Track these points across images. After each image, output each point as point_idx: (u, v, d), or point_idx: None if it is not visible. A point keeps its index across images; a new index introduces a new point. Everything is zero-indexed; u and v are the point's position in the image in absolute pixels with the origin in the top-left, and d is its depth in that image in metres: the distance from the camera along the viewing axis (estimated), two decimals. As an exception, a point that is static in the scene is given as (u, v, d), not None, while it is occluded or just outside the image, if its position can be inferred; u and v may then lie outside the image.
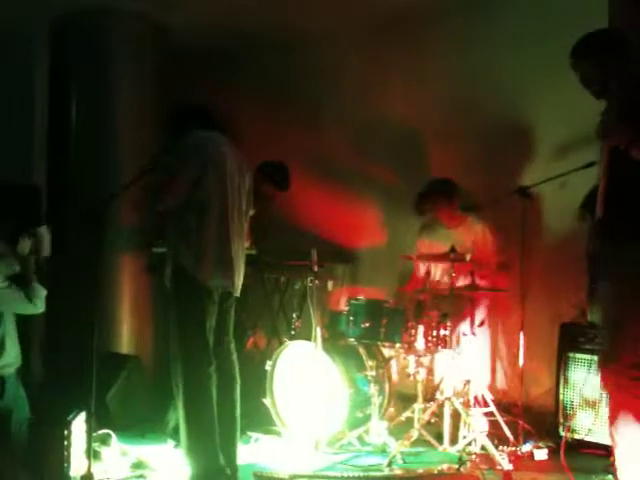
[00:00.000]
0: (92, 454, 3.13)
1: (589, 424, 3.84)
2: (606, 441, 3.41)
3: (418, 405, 3.96)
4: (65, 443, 3.22)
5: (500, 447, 3.80)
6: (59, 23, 5.17)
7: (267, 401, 4.22)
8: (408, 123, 5.22)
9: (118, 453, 3.57)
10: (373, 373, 4.13)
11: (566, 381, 4.02)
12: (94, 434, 3.35)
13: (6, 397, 3.41)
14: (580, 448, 3.83)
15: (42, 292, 3.48)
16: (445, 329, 3.96)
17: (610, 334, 2.67)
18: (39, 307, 3.48)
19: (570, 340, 4.06)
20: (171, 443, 3.85)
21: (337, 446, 3.98)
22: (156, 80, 5.19)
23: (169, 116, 3.73)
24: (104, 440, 3.57)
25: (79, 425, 3.26)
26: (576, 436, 3.90)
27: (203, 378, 3.22)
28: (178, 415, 3.27)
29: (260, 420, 4.25)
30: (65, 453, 3.22)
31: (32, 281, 3.48)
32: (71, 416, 3.24)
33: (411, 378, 4.04)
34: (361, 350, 4.25)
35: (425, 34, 5.11)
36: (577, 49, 2.90)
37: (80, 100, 5.11)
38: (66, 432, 3.22)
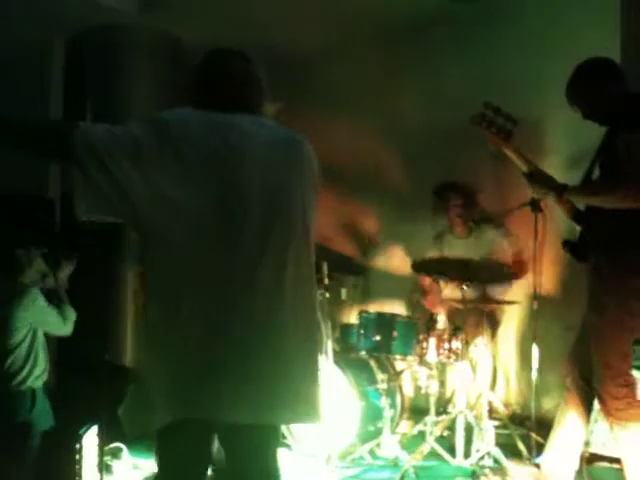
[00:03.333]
0: (104, 468, 3.15)
1: (603, 437, 3.80)
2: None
3: (430, 418, 3.94)
4: (77, 457, 3.24)
5: (512, 460, 3.77)
6: (74, 37, 5.23)
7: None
8: (420, 131, 5.21)
9: (130, 467, 3.57)
10: (384, 386, 4.12)
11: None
12: (106, 447, 3.36)
13: (35, 410, 3.44)
14: (595, 461, 3.79)
15: (73, 315, 3.52)
16: (457, 342, 3.95)
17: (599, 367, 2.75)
18: (69, 329, 3.52)
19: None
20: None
21: (348, 460, 3.96)
22: (171, 93, 5.20)
23: None
24: (115, 454, 3.58)
25: (91, 438, 3.27)
26: (591, 449, 3.86)
27: None
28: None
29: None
30: (77, 467, 3.23)
31: (65, 303, 3.53)
32: (83, 429, 3.25)
33: (423, 391, 4.02)
34: (372, 363, 4.24)
35: (436, 39, 5.11)
36: (567, 89, 2.98)
37: (95, 113, 5.15)
38: (78, 446, 3.23)
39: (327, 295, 4.14)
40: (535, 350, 3.98)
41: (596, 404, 3.27)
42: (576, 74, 2.95)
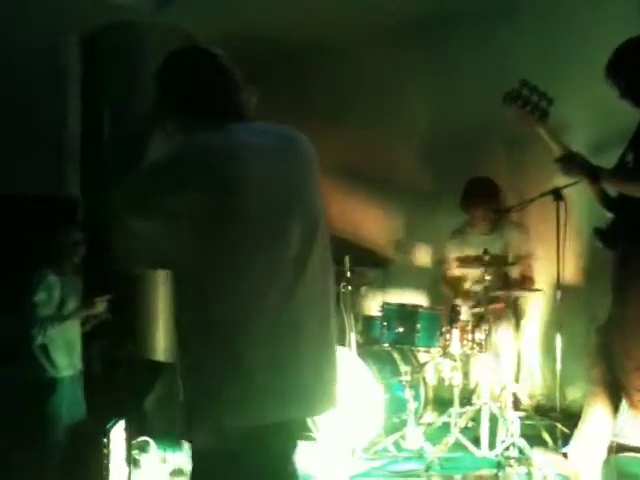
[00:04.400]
0: (131, 462, 3.18)
1: (628, 427, 3.78)
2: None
3: (454, 410, 3.94)
4: (105, 451, 3.27)
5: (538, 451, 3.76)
6: (89, 36, 5.26)
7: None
8: (437, 127, 5.20)
9: (157, 460, 3.60)
10: (408, 378, 4.12)
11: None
12: (133, 442, 3.40)
13: (56, 400, 3.49)
14: (621, 451, 3.77)
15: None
16: (480, 333, 3.94)
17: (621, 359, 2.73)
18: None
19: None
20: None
21: (373, 452, 3.97)
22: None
23: None
24: (143, 448, 3.61)
25: (118, 433, 3.30)
26: (618, 440, 3.84)
27: None
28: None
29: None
30: (105, 461, 3.27)
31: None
32: (110, 424, 3.28)
33: (446, 383, 4.02)
34: (395, 355, 4.24)
35: (451, 36, 5.09)
36: (610, 64, 2.87)
37: (111, 111, 5.18)
38: (105, 440, 3.27)
39: (349, 288, 4.15)
40: (559, 340, 3.96)
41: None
42: (620, 52, 2.84)
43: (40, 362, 3.56)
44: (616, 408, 3.03)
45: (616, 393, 2.98)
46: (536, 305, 4.56)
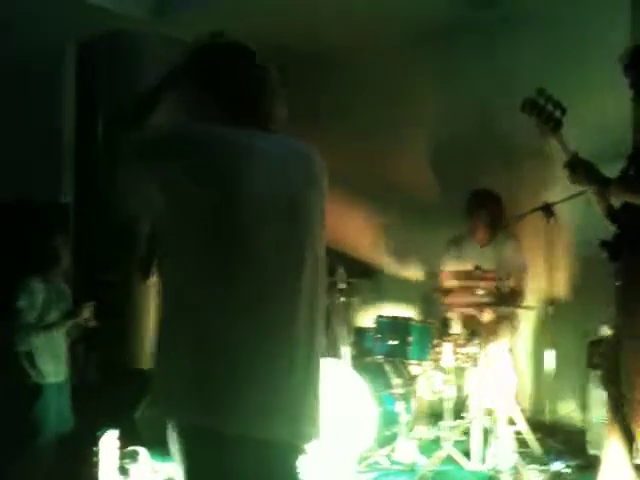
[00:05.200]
0: (122, 471, 3.15)
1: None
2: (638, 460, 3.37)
3: (446, 423, 3.94)
4: (95, 459, 3.25)
5: (529, 465, 3.76)
6: (86, 43, 5.26)
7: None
8: (436, 140, 5.23)
9: (148, 470, 3.57)
10: (400, 391, 4.12)
11: (594, 399, 3.98)
12: (123, 451, 3.37)
13: (39, 408, 3.45)
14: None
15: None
16: (473, 346, 3.95)
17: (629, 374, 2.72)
18: None
19: (599, 357, 4.02)
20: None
21: (365, 465, 3.96)
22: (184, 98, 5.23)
23: None
24: (133, 457, 3.58)
25: (109, 442, 3.28)
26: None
27: None
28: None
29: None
30: (95, 470, 3.25)
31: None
32: (100, 432, 3.26)
33: (438, 396, 4.03)
34: (387, 367, 4.24)
35: (458, 45, 5.11)
36: (628, 61, 2.85)
37: (106, 119, 5.18)
38: (95, 449, 3.25)
39: (342, 299, 4.15)
40: (549, 355, 3.99)
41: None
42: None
43: (24, 368, 3.53)
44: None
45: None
46: (527, 320, 4.58)
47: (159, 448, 3.93)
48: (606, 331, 4.03)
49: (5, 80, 5.27)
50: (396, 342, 4.06)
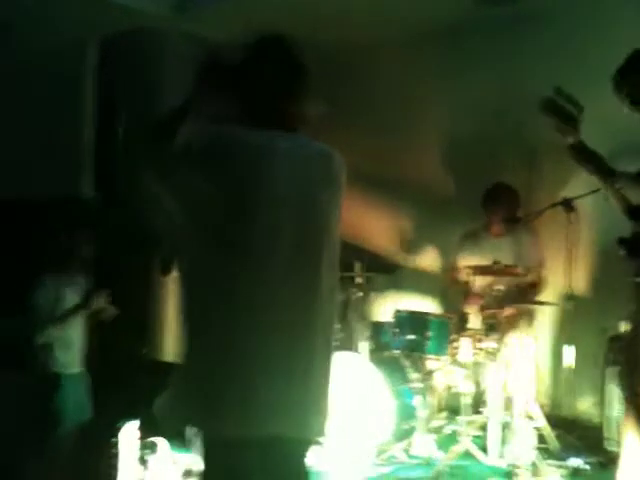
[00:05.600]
0: (142, 462, 3.18)
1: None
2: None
3: (464, 418, 3.94)
4: (114, 450, 3.28)
5: (547, 461, 3.76)
6: (109, 40, 5.29)
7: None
8: (452, 135, 5.22)
9: (167, 461, 3.59)
10: (418, 385, 4.12)
11: (612, 395, 3.97)
12: (143, 442, 3.40)
13: (59, 398, 3.49)
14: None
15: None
16: (491, 341, 3.95)
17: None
18: None
19: (617, 353, 4.00)
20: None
21: (382, 458, 3.97)
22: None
23: None
24: (152, 448, 3.61)
25: (128, 433, 3.31)
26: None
27: None
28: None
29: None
30: (114, 461, 3.28)
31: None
32: (120, 423, 3.29)
33: (456, 390, 4.03)
34: (405, 362, 4.24)
35: (468, 44, 5.08)
36: (626, 66, 2.85)
37: (127, 115, 5.21)
38: (115, 440, 3.28)
39: (360, 294, 4.16)
40: (568, 351, 3.97)
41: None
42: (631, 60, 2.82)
43: (43, 360, 3.57)
44: None
45: None
46: (546, 315, 4.57)
47: (178, 439, 3.98)
48: (625, 328, 4.02)
49: (27, 78, 5.32)
50: (414, 336, 4.06)
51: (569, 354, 3.97)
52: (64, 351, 3.61)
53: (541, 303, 4.33)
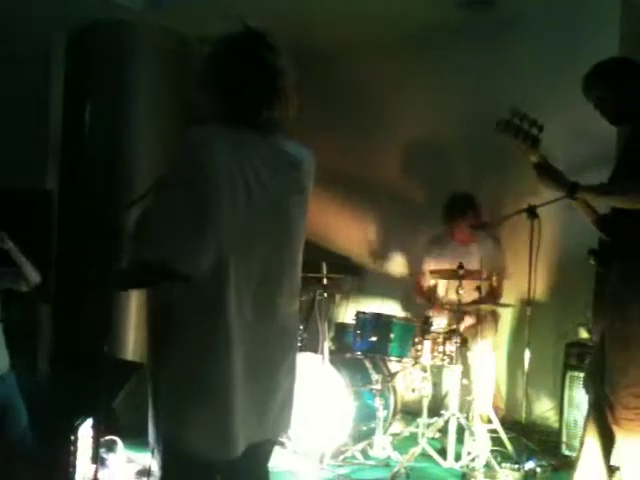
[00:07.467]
0: (98, 460, 3.16)
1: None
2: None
3: (422, 420, 3.98)
4: (72, 448, 3.25)
5: (503, 464, 3.81)
6: (78, 32, 5.22)
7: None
8: (421, 139, 5.25)
9: (124, 460, 3.58)
10: (378, 387, 4.14)
11: (570, 400, 4.03)
12: (100, 440, 3.38)
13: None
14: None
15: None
16: (451, 345, 3.98)
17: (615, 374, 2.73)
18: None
19: (575, 359, 4.07)
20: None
21: (340, 459, 3.99)
22: (173, 89, 5.18)
23: None
24: (110, 447, 3.59)
25: (86, 431, 3.28)
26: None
27: None
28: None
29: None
30: (72, 458, 3.25)
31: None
32: (78, 422, 3.27)
33: (416, 393, 4.07)
34: (367, 363, 4.27)
35: (447, 48, 5.11)
36: (589, 76, 2.89)
37: (95, 107, 5.14)
38: (73, 438, 3.25)
39: (325, 295, 4.17)
40: (526, 356, 4.02)
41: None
42: (607, 69, 2.87)
43: None
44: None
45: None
46: (505, 320, 4.63)
47: (135, 438, 3.96)
48: (583, 333, 4.09)
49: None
50: (376, 338, 4.08)
51: (527, 358, 4.02)
52: None
53: (501, 305, 4.39)
